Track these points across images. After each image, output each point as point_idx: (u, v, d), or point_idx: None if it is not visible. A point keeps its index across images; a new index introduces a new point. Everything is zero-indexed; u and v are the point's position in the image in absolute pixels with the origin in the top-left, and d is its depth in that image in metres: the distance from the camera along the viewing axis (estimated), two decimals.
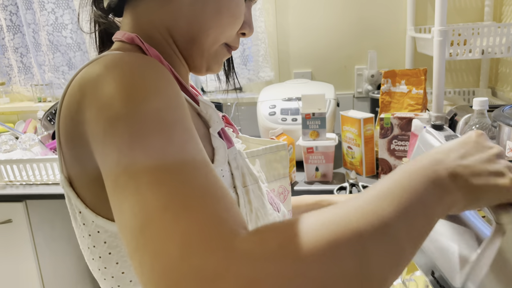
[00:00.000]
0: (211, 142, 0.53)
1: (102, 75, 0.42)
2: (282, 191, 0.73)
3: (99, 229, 0.47)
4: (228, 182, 0.55)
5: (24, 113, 2.27)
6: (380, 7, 1.89)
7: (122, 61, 0.43)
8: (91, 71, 0.44)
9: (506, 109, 1.11)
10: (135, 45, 0.54)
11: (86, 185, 0.47)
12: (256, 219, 0.57)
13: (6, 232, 1.65)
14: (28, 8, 2.11)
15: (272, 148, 0.71)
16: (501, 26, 1.37)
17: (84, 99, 0.42)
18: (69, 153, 0.47)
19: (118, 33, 0.57)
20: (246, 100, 2.06)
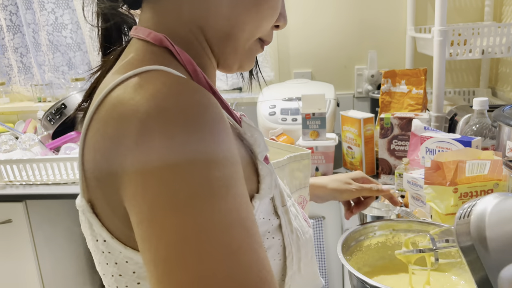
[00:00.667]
0: (257, 169, 0.49)
1: (147, 119, 0.37)
2: (301, 200, 0.69)
3: (127, 259, 0.43)
4: (270, 206, 0.50)
5: (24, 113, 2.27)
6: (380, 7, 1.89)
7: (175, 102, 0.38)
8: (133, 104, 0.39)
9: (506, 109, 1.11)
10: (163, 48, 0.48)
11: (113, 216, 0.43)
12: (297, 239, 0.53)
13: (6, 232, 1.64)
14: (28, 8, 2.11)
15: (297, 156, 0.66)
16: (501, 26, 1.37)
17: (124, 140, 0.38)
18: (95, 183, 0.43)
19: (140, 30, 0.50)
20: (246, 100, 2.06)
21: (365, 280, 0.61)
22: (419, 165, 1.13)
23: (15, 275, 1.70)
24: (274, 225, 0.50)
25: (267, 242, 0.49)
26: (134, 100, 0.39)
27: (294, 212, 0.55)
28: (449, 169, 0.88)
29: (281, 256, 0.51)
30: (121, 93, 0.41)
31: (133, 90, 0.40)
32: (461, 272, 0.71)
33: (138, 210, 0.37)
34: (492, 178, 0.87)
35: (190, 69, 0.48)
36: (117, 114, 0.39)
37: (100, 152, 0.41)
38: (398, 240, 0.77)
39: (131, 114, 0.38)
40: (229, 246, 0.35)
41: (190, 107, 0.39)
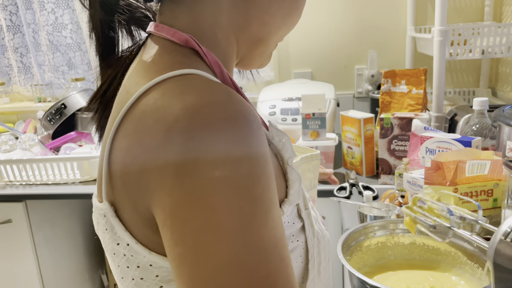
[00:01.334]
0: (285, 173, 0.47)
1: (190, 130, 0.36)
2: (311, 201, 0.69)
3: (151, 263, 0.43)
4: (294, 209, 0.50)
5: (24, 113, 2.27)
6: (380, 7, 1.89)
7: (219, 114, 0.37)
8: (174, 113, 0.37)
9: (506, 109, 1.11)
10: (188, 48, 0.46)
11: (138, 222, 0.42)
12: (318, 243, 0.53)
13: (6, 232, 1.64)
14: (28, 8, 2.11)
15: (307, 157, 0.66)
16: (501, 26, 1.37)
17: (163, 150, 0.37)
18: (122, 186, 0.42)
19: (163, 29, 0.48)
20: None
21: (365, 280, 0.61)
22: (419, 165, 1.13)
23: (15, 275, 1.70)
24: (297, 228, 0.50)
25: (292, 244, 0.49)
26: (175, 109, 0.37)
27: (314, 216, 0.54)
28: (449, 169, 0.88)
29: (303, 259, 0.51)
30: (159, 98, 0.39)
31: (172, 97, 0.38)
32: (461, 272, 0.71)
33: (174, 230, 0.36)
34: (492, 178, 0.87)
35: (217, 71, 0.47)
36: (156, 121, 0.38)
37: (134, 157, 0.39)
38: (398, 240, 0.77)
39: (172, 126, 0.37)
40: (266, 273, 0.35)
41: (235, 120, 0.37)
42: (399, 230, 0.78)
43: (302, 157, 0.66)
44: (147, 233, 0.41)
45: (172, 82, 0.40)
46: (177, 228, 0.36)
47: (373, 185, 1.34)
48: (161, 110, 0.38)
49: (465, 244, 0.72)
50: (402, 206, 1.10)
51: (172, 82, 0.40)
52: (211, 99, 0.38)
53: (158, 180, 0.37)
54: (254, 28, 0.50)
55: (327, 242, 0.55)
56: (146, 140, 0.38)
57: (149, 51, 0.47)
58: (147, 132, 0.38)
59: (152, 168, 0.37)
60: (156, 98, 0.39)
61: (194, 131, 0.36)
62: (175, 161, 0.36)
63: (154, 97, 0.39)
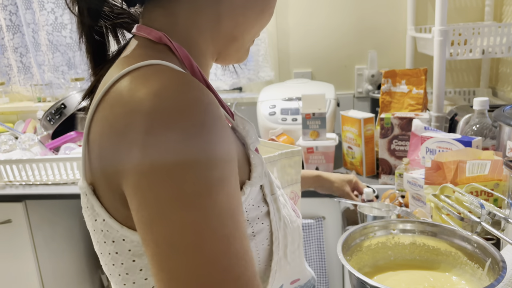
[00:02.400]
0: (249, 159, 0.52)
1: (151, 114, 0.40)
2: (293, 196, 0.72)
3: (124, 237, 0.47)
4: (259, 194, 0.54)
5: (23, 113, 2.27)
6: (380, 7, 1.89)
7: (179, 100, 0.41)
8: (138, 97, 0.41)
9: (506, 109, 1.11)
10: (162, 45, 0.51)
11: (112, 199, 0.46)
12: (284, 227, 0.56)
13: (6, 232, 1.64)
14: (28, 8, 2.11)
15: (288, 153, 0.70)
16: (502, 26, 1.37)
17: (128, 133, 0.41)
18: (99, 164, 0.46)
19: (141, 28, 0.53)
20: (246, 100, 2.06)
21: (365, 280, 0.61)
22: (419, 165, 1.13)
23: (15, 275, 1.70)
24: (263, 211, 0.54)
25: (257, 227, 0.53)
26: (140, 93, 0.42)
27: (283, 202, 0.58)
28: (450, 169, 0.88)
29: (269, 241, 0.55)
30: (127, 85, 0.43)
31: (138, 83, 0.43)
32: (461, 272, 0.71)
33: (138, 200, 0.41)
34: (492, 178, 0.87)
35: (187, 64, 0.52)
36: (123, 105, 0.42)
37: (106, 139, 0.44)
38: (398, 240, 0.77)
39: (136, 108, 0.41)
40: (222, 236, 0.40)
41: (193, 106, 0.41)
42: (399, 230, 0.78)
43: (282, 152, 0.69)
44: (120, 209, 0.45)
45: (140, 71, 0.44)
46: (140, 196, 0.40)
47: (373, 185, 1.34)
48: (128, 95, 0.42)
49: (466, 244, 0.71)
50: (402, 206, 1.10)
51: (139, 71, 0.44)
52: (174, 84, 0.42)
53: (126, 156, 0.41)
54: (228, 27, 0.55)
55: (296, 228, 0.59)
56: (116, 123, 0.42)
57: (128, 48, 0.53)
58: (117, 116, 0.43)
59: (121, 147, 0.42)
60: (124, 85, 0.44)
61: (157, 113, 0.40)
62: (141, 140, 0.40)
63: (123, 84, 0.44)
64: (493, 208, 0.73)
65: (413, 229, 0.77)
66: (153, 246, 0.40)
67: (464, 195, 0.77)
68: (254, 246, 0.53)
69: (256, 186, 0.52)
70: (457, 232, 0.73)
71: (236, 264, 0.40)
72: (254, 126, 0.54)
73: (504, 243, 0.79)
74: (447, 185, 0.81)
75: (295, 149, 0.72)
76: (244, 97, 2.06)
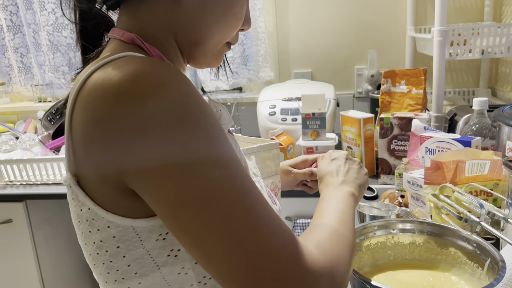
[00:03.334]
0: None
1: (121, 96, 0.42)
2: (274, 187, 0.76)
3: (109, 224, 0.48)
4: None
5: (24, 113, 2.27)
6: (380, 7, 1.89)
7: (150, 74, 0.43)
8: (116, 79, 0.43)
9: (506, 109, 1.11)
10: (135, 45, 0.54)
11: (98, 185, 0.48)
12: None
13: (6, 232, 1.65)
14: (28, 8, 2.11)
15: (266, 146, 0.75)
16: (501, 26, 1.37)
17: (114, 110, 0.43)
18: (84, 153, 0.48)
19: (115, 31, 0.56)
20: (246, 100, 2.06)
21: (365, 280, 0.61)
22: (419, 165, 1.13)
23: (15, 275, 1.70)
24: None
25: None
26: (116, 78, 0.43)
27: (259, 188, 0.60)
28: (449, 169, 0.88)
29: None
30: (101, 74, 0.45)
31: (113, 70, 0.45)
32: (461, 272, 0.71)
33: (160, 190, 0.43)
34: (492, 178, 0.88)
35: None
36: (102, 92, 0.44)
37: (90, 127, 0.45)
38: (398, 240, 0.77)
39: (118, 90, 0.43)
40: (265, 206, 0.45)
41: (174, 78, 0.44)
42: (398, 230, 0.78)
43: (260, 145, 0.74)
44: (107, 194, 0.47)
45: (114, 63, 0.46)
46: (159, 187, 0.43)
47: (373, 185, 1.34)
48: (106, 81, 0.44)
49: (465, 244, 0.72)
50: (402, 206, 1.11)
51: (113, 63, 0.46)
52: (149, 64, 0.44)
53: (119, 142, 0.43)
54: (188, 31, 0.56)
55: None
56: (97, 109, 0.44)
57: (105, 50, 0.56)
58: (97, 102, 0.44)
59: (111, 134, 0.43)
60: (99, 75, 0.45)
61: (139, 92, 0.42)
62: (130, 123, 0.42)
63: (98, 74, 0.46)
64: (493, 208, 0.74)
65: (412, 229, 0.77)
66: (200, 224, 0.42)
67: (463, 195, 0.77)
68: None
69: None
70: (456, 232, 0.73)
71: (281, 225, 0.46)
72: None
73: (503, 242, 0.79)
74: (446, 185, 0.81)
75: (272, 143, 0.77)
76: (244, 97, 2.06)
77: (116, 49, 0.54)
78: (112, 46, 0.55)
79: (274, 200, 0.68)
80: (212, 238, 0.42)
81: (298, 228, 1.45)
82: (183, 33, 0.56)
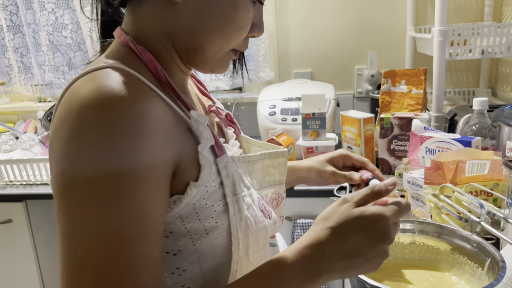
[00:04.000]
0: (198, 159, 0.53)
1: (82, 112, 0.45)
2: (276, 197, 0.71)
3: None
4: (217, 193, 0.55)
5: (24, 113, 2.27)
6: (380, 7, 1.89)
7: (103, 101, 0.45)
8: (77, 97, 0.46)
9: (506, 109, 1.11)
10: (129, 48, 0.55)
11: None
12: (246, 227, 0.57)
13: (6, 232, 1.65)
14: (28, 8, 2.11)
15: (271, 154, 0.68)
16: (501, 26, 1.37)
17: (62, 125, 0.46)
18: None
19: (117, 31, 0.57)
20: (246, 100, 2.06)
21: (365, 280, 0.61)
22: (419, 165, 1.13)
23: (15, 275, 1.70)
24: (217, 211, 0.55)
25: (209, 225, 0.55)
26: (75, 95, 0.47)
27: (249, 202, 0.59)
28: (449, 169, 0.88)
29: (225, 239, 0.56)
30: (74, 87, 0.48)
31: (80, 85, 0.47)
32: (461, 272, 0.71)
33: (55, 197, 0.46)
34: (492, 178, 0.88)
35: (151, 68, 0.54)
36: (68, 104, 0.47)
37: (52, 136, 0.48)
38: (398, 239, 0.77)
39: (74, 107, 0.46)
40: (123, 238, 0.44)
41: (117, 111, 0.45)
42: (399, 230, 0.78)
43: (263, 153, 0.67)
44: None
45: (89, 76, 0.48)
46: (56, 192, 0.46)
47: None
48: (72, 95, 0.47)
49: (465, 244, 0.72)
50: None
51: (89, 76, 0.48)
52: (109, 93, 0.45)
53: (54, 152, 0.47)
54: (184, 37, 0.55)
55: (261, 228, 0.60)
56: (55, 121, 0.48)
57: (107, 49, 0.57)
58: (60, 114, 0.47)
59: (52, 148, 0.47)
60: (74, 87, 0.48)
61: (81, 115, 0.45)
62: (64, 139, 0.45)
63: (75, 85, 0.48)
64: (493, 208, 0.74)
65: (412, 229, 0.77)
66: (61, 238, 0.45)
67: (463, 195, 0.77)
68: (208, 242, 0.55)
69: (202, 186, 0.53)
70: (456, 232, 0.73)
71: (135, 264, 0.45)
72: (208, 128, 0.55)
73: (503, 242, 0.79)
74: (446, 185, 0.81)
75: (279, 150, 0.69)
76: (244, 97, 2.06)
77: (111, 51, 0.55)
78: (111, 47, 0.56)
79: (269, 213, 0.63)
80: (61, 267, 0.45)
81: (298, 228, 1.45)
82: (180, 39, 0.56)
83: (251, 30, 0.58)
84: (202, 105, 0.70)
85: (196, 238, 0.54)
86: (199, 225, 0.54)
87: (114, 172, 0.44)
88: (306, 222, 1.44)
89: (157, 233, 0.48)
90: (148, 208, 0.46)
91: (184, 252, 0.55)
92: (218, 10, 0.54)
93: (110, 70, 0.49)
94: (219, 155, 0.56)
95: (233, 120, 0.74)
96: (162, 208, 0.50)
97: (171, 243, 0.54)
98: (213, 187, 0.55)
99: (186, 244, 0.54)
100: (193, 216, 0.54)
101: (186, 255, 0.55)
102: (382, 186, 0.56)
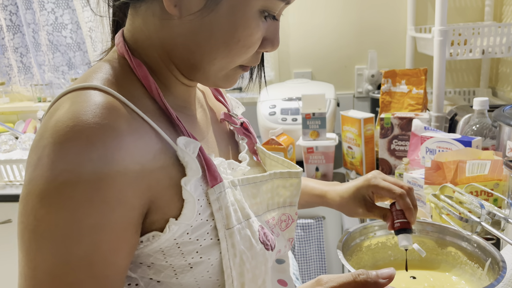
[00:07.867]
0: (182, 194, 0.49)
1: (48, 145, 0.43)
2: (286, 219, 0.64)
3: None
4: (204, 227, 0.51)
5: (24, 113, 2.27)
6: (380, 7, 1.89)
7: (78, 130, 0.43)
8: (51, 125, 0.44)
9: (506, 109, 1.11)
10: (125, 59, 0.52)
11: None
12: (241, 263, 0.53)
13: (6, 232, 1.64)
14: (28, 8, 2.11)
15: (283, 174, 0.62)
16: (502, 26, 1.37)
17: (32, 152, 0.45)
18: None
19: (118, 36, 0.54)
20: (246, 100, 2.06)
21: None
22: (419, 165, 1.13)
23: (15, 275, 1.70)
24: (203, 245, 0.51)
25: (192, 260, 0.51)
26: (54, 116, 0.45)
27: (246, 235, 0.54)
28: (449, 169, 0.88)
29: (212, 274, 0.53)
30: (56, 105, 0.47)
31: (60, 105, 0.46)
32: (461, 272, 0.71)
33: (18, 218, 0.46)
34: (492, 178, 0.87)
35: (145, 84, 0.51)
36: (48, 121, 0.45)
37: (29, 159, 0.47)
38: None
39: (43, 128, 0.45)
40: (67, 283, 0.43)
41: (82, 151, 0.42)
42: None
43: (276, 172, 0.61)
44: None
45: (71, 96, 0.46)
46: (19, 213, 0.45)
47: None
48: (51, 116, 0.45)
49: (465, 244, 0.72)
50: None
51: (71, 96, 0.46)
52: (85, 126, 0.43)
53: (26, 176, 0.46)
54: (182, 53, 0.52)
55: (260, 262, 0.55)
56: (33, 142, 0.46)
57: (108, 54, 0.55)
58: (36, 137, 0.46)
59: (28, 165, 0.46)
60: (54, 106, 0.47)
61: (55, 142, 0.43)
62: (32, 162, 0.44)
63: (54, 105, 0.47)
64: (493, 208, 0.73)
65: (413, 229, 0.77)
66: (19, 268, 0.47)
67: (464, 195, 0.77)
68: (192, 277, 0.52)
69: (184, 223, 0.49)
70: (457, 232, 0.73)
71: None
72: (196, 160, 0.50)
73: (504, 243, 0.79)
74: (447, 185, 0.81)
75: (292, 171, 0.63)
76: (244, 97, 2.06)
77: (107, 60, 0.53)
78: (109, 55, 0.54)
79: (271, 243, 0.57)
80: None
81: (298, 228, 1.45)
82: (177, 54, 0.52)
83: (263, 46, 0.54)
84: (213, 114, 0.66)
85: (179, 272, 0.51)
86: (181, 260, 0.51)
87: (62, 217, 0.42)
88: (306, 222, 1.44)
89: (110, 277, 0.45)
90: (98, 255, 0.43)
91: (167, 283, 0.52)
92: (220, 29, 0.49)
93: (92, 94, 0.45)
94: (211, 185, 0.51)
95: (249, 129, 0.69)
96: (124, 250, 0.46)
97: (153, 273, 0.52)
98: (198, 221, 0.50)
99: (168, 276, 0.52)
100: (175, 251, 0.50)
101: (170, 285, 0.52)
102: (372, 277, 0.49)
